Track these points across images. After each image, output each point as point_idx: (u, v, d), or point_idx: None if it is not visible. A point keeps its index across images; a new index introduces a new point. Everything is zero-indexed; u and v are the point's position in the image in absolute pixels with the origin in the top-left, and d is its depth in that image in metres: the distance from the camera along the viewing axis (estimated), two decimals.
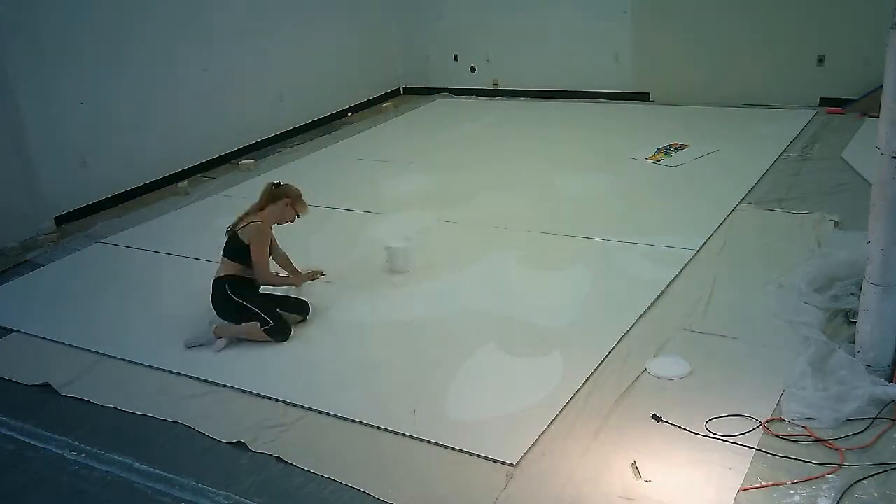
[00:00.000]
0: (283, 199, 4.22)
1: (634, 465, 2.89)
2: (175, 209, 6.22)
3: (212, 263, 5.05)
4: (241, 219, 4.21)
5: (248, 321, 4.04)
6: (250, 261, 4.11)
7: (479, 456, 3.05)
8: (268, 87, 7.75)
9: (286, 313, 4.16)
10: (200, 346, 4.07)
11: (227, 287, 4.08)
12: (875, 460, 2.84)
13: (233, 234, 4.16)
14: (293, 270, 4.47)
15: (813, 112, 7.09)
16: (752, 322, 3.81)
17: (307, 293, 4.41)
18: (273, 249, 4.35)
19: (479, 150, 7.02)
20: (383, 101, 9.15)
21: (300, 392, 3.59)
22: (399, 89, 9.57)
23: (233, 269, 4.13)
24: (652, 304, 4.07)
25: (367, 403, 3.46)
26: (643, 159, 6.29)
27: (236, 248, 4.13)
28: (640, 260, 4.60)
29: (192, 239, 5.56)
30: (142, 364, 3.97)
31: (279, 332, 4.03)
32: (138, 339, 4.21)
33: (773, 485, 2.76)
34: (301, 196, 4.31)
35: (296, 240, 5.36)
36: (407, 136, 7.72)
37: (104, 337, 4.27)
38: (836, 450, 2.90)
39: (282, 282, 4.35)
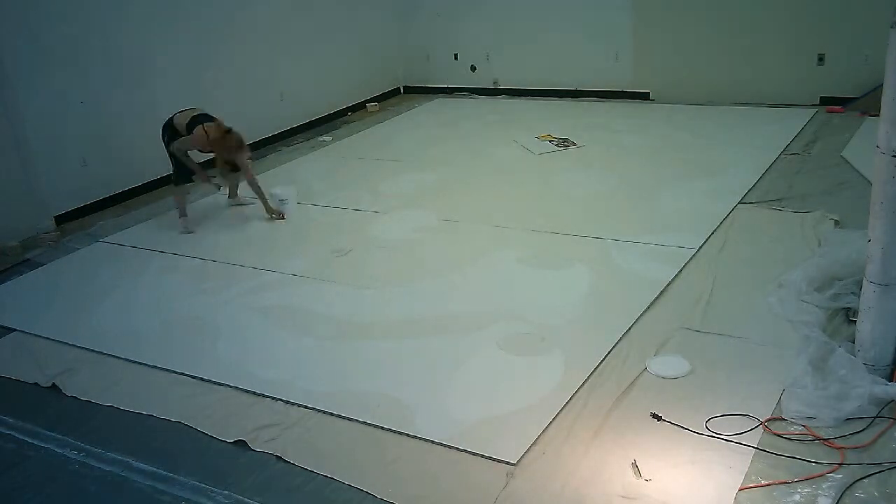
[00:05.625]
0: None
1: (634, 464, 2.90)
2: (176, 208, 6.21)
3: (212, 262, 5.09)
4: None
5: None
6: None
7: (479, 455, 3.05)
8: (268, 86, 7.75)
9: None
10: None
11: None
12: (875, 459, 2.84)
13: None
14: None
15: (813, 111, 7.09)
16: (752, 321, 3.81)
17: None
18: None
19: (479, 149, 7.02)
20: (383, 101, 9.16)
21: (300, 392, 3.59)
22: (399, 89, 9.57)
23: None
24: (652, 303, 4.07)
25: (367, 403, 3.46)
26: (640, 158, 6.30)
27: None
28: (640, 259, 4.60)
29: (193, 237, 5.57)
30: (142, 363, 3.97)
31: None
32: (139, 338, 4.21)
33: (773, 483, 2.76)
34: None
35: (295, 237, 5.39)
36: (407, 136, 7.72)
37: (104, 336, 4.27)
38: (837, 449, 2.90)
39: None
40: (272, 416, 3.43)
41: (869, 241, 3.21)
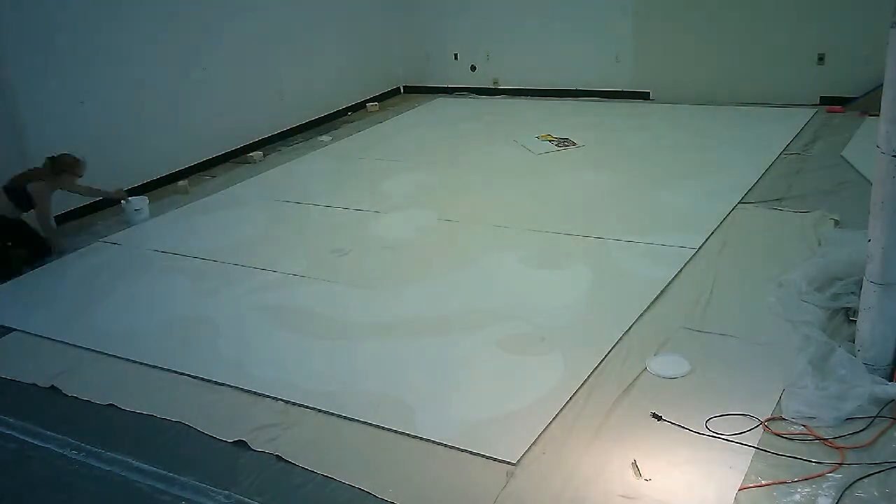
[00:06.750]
0: (64, 172, 5.38)
1: (634, 463, 2.90)
2: (175, 208, 6.23)
3: (212, 262, 5.09)
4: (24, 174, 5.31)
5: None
6: (26, 208, 5.29)
7: (479, 455, 3.06)
8: (268, 85, 7.75)
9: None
10: None
11: None
12: (875, 459, 2.84)
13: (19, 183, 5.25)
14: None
15: (813, 111, 7.10)
16: (752, 321, 3.81)
17: None
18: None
19: (479, 149, 7.02)
20: (383, 101, 9.16)
21: (300, 391, 3.59)
22: (399, 89, 9.57)
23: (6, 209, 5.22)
24: (652, 302, 4.07)
25: (367, 403, 3.46)
26: (640, 158, 6.30)
27: (19, 196, 5.24)
28: (641, 259, 4.60)
29: (193, 237, 5.57)
30: (142, 363, 3.97)
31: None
32: (139, 338, 4.21)
33: (773, 483, 2.76)
34: (76, 162, 5.41)
35: (295, 238, 5.39)
36: (407, 136, 7.72)
37: (104, 335, 4.27)
38: (837, 448, 2.90)
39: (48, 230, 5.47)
40: (272, 416, 3.43)
41: (869, 240, 3.21)
